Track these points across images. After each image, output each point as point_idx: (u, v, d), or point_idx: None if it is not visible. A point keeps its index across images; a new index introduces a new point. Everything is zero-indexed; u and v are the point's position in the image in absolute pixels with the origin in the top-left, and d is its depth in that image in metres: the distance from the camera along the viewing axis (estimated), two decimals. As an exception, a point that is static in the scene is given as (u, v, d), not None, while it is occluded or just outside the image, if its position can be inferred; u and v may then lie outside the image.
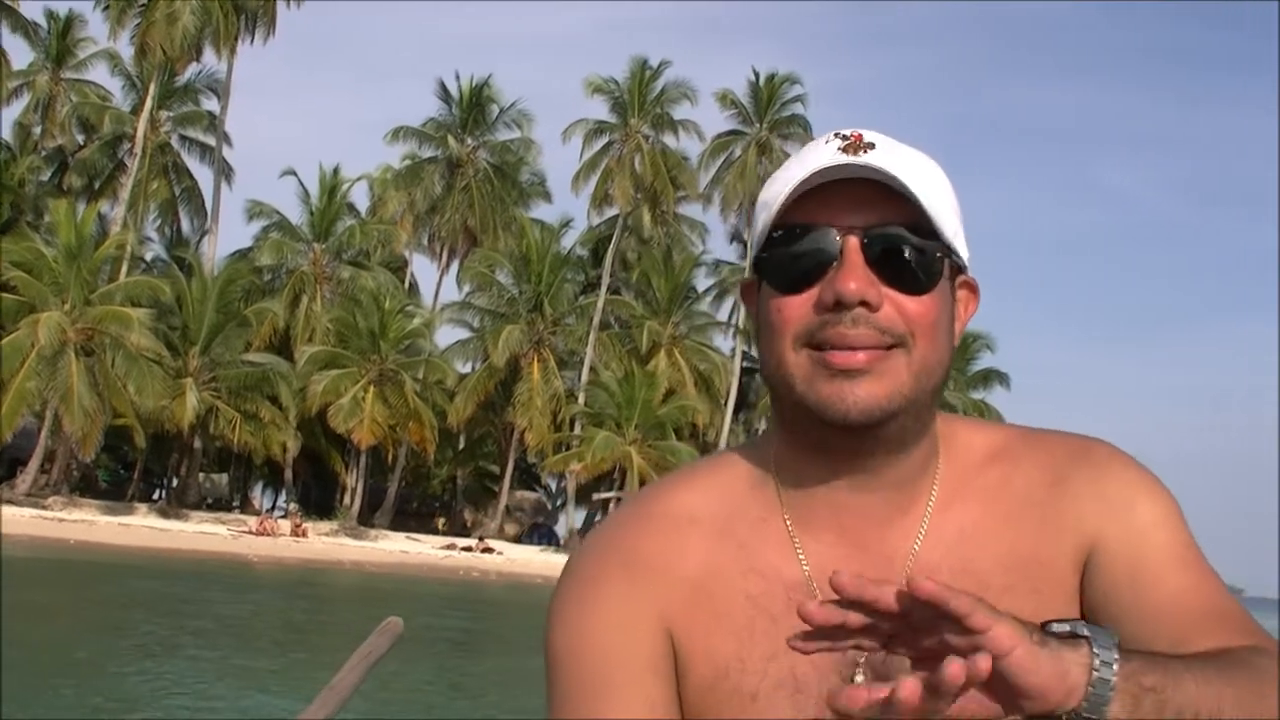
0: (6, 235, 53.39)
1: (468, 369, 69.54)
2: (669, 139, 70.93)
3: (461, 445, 72.32)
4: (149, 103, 60.51)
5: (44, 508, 52.03)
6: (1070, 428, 1.72)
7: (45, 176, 66.46)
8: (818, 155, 1.54)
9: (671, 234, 72.72)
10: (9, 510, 48.09)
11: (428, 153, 71.87)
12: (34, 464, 54.40)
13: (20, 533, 44.07)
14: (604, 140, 70.21)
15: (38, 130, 66.83)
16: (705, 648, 1.58)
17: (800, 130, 72.18)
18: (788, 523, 1.62)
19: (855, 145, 1.53)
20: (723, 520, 1.64)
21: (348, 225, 68.32)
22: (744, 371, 73.19)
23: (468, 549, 62.73)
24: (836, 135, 1.56)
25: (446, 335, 75.55)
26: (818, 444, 1.57)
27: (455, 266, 72.52)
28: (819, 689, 1.53)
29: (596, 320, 69.17)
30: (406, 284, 72.43)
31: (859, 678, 1.53)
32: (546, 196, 75.51)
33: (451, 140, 70.95)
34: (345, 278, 66.19)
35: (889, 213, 1.51)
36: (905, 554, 1.60)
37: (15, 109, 67.76)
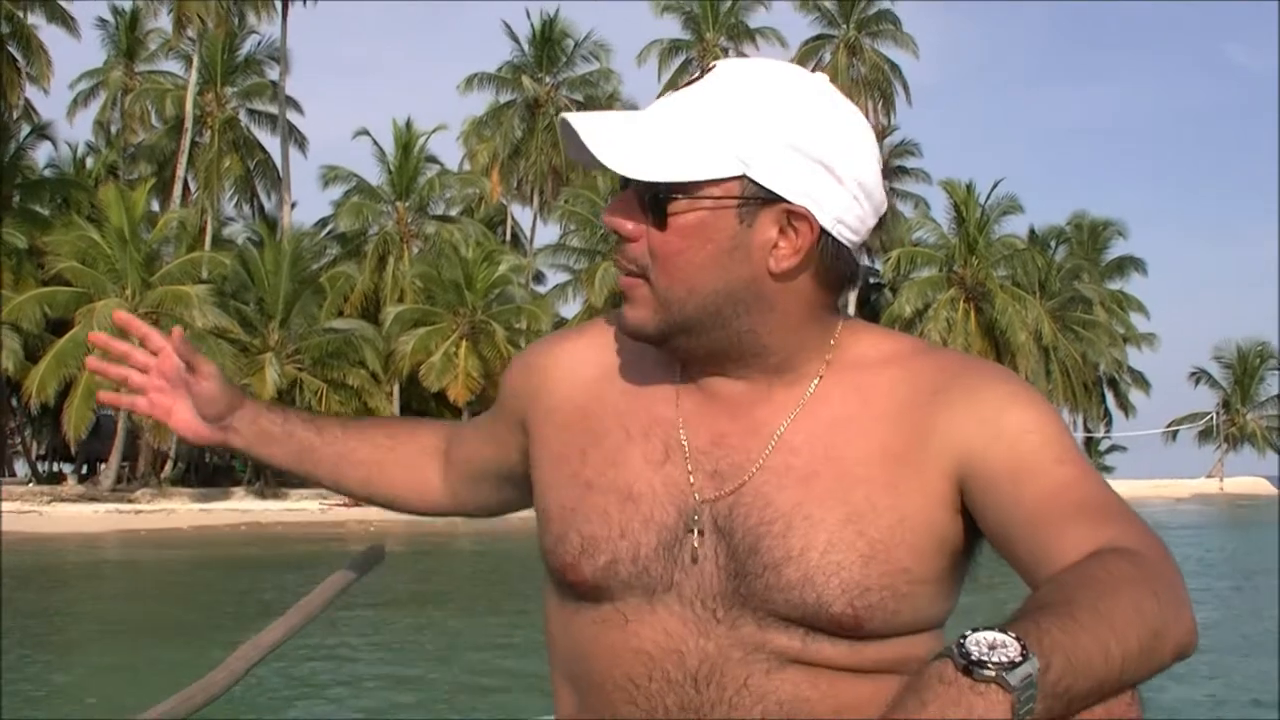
0: (56, 229, 51.86)
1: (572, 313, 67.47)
2: (749, 49, 67.85)
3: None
4: (193, 75, 58.99)
5: (129, 501, 50.89)
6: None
7: (134, 174, 65.22)
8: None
9: (766, 151, 69.43)
10: (83, 508, 47.22)
11: (505, 97, 69.71)
12: (114, 458, 53.25)
13: (73, 530, 43.00)
14: (681, 59, 67.36)
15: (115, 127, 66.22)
16: (561, 434, 1.76)
17: (891, 27, 68.73)
18: (679, 380, 1.72)
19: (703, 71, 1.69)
20: (618, 367, 1.76)
21: (427, 179, 66.19)
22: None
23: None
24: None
25: (554, 280, 73.56)
26: None
27: (551, 210, 70.44)
28: (651, 508, 1.66)
29: (694, 246, 66.29)
30: (507, 234, 70.40)
31: (696, 518, 1.64)
32: (642, 128, 72.75)
33: (527, 81, 68.57)
34: (431, 233, 64.16)
35: None
36: (772, 429, 1.66)
37: (93, 109, 67.56)
